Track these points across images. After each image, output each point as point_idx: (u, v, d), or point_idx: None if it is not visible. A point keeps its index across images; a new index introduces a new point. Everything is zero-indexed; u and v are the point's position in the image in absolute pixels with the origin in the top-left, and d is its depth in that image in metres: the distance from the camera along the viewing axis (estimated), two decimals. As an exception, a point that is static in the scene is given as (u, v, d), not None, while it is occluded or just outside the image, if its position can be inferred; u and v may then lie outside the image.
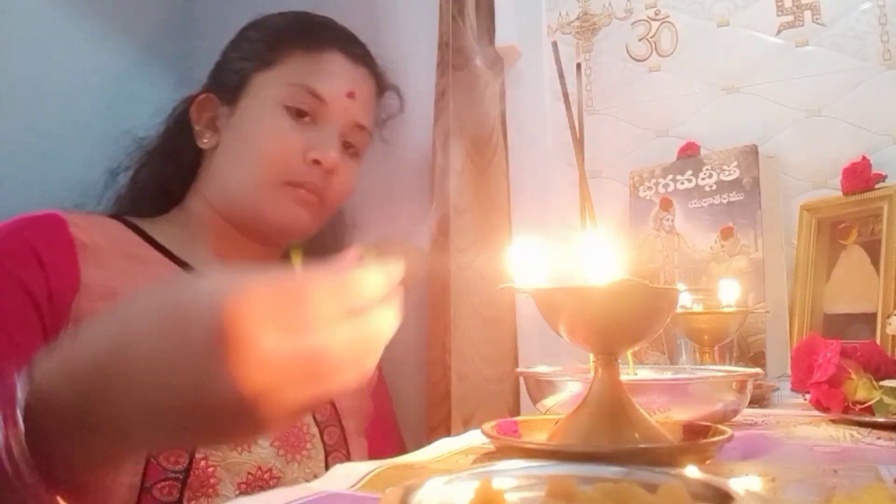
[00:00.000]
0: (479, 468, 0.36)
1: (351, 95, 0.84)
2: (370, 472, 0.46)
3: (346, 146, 0.85)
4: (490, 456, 0.53)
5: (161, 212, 0.85)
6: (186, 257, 0.79)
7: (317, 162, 0.80)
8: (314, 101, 0.81)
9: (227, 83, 0.84)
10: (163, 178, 0.86)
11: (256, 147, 0.80)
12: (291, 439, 0.73)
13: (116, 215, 0.81)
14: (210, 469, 0.65)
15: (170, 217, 0.85)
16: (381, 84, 0.92)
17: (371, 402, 0.91)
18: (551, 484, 0.32)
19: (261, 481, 0.68)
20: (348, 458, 0.79)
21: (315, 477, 0.73)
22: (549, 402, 0.65)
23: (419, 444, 1.23)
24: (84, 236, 0.71)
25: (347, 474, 0.46)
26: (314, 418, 0.76)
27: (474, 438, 0.59)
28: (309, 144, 0.80)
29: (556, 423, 0.51)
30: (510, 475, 0.35)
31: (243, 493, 0.66)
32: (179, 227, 0.83)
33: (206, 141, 0.84)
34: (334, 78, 0.83)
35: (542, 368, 0.73)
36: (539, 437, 0.52)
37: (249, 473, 0.68)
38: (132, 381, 0.35)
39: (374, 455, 0.87)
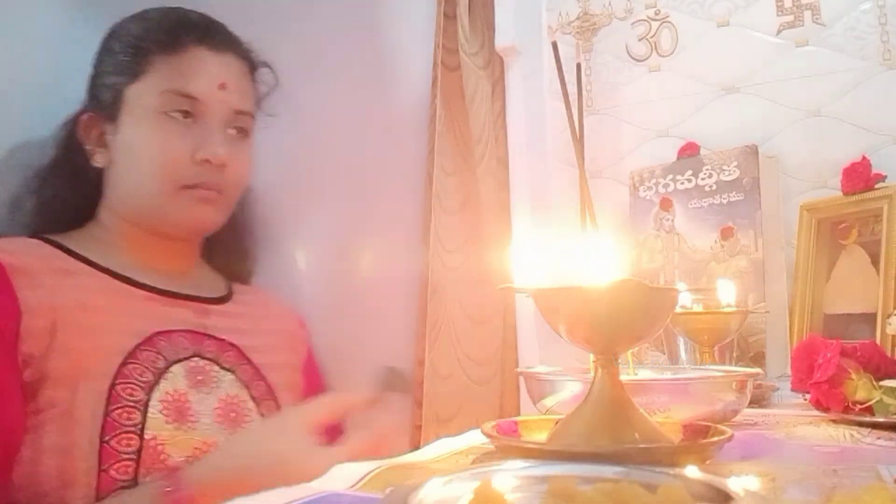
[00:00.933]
0: (479, 468, 0.36)
1: (223, 87, 0.84)
2: (370, 472, 0.46)
3: (232, 134, 0.86)
4: (490, 456, 0.53)
5: (77, 227, 0.87)
6: (110, 265, 0.82)
7: (206, 161, 0.82)
8: (189, 101, 0.82)
9: (104, 100, 0.85)
10: (68, 199, 0.88)
11: (146, 160, 0.82)
12: (231, 415, 0.79)
13: (35, 235, 0.84)
14: (159, 447, 0.71)
15: (86, 230, 0.87)
16: (252, 63, 0.92)
17: (302, 377, 0.94)
18: (551, 484, 0.32)
19: (205, 453, 0.73)
20: None
21: None
22: (549, 402, 0.65)
23: (408, 445, 1.23)
24: (14, 260, 0.75)
25: (347, 474, 0.46)
26: (250, 394, 0.82)
27: (474, 438, 0.59)
28: (195, 145, 0.82)
29: (556, 423, 0.51)
30: (510, 475, 0.35)
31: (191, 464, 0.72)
32: (97, 238, 0.86)
33: (98, 159, 0.86)
34: (202, 75, 0.83)
35: (542, 368, 0.73)
36: (539, 437, 0.52)
37: (196, 448, 0.73)
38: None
39: None
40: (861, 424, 0.66)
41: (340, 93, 1.60)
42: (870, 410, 0.66)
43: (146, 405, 0.72)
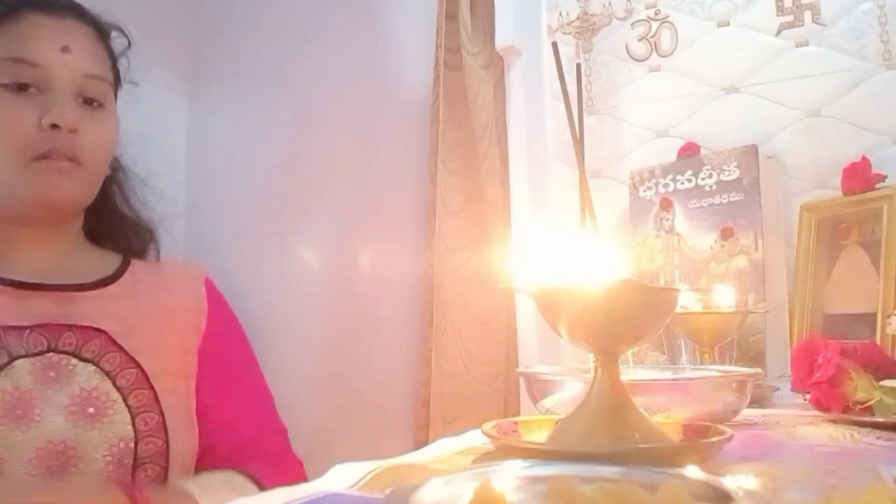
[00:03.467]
0: (479, 468, 0.36)
1: (66, 50, 0.80)
2: (370, 472, 0.46)
3: (87, 101, 0.82)
4: (490, 456, 0.53)
5: None
6: None
7: (54, 126, 0.77)
8: (28, 68, 0.78)
9: None
10: None
11: None
12: (89, 409, 0.74)
13: None
14: None
15: None
16: (100, 27, 0.88)
17: (197, 359, 0.87)
18: (551, 484, 0.32)
19: (54, 454, 0.69)
20: (163, 418, 0.78)
21: (122, 440, 0.73)
22: (549, 402, 0.65)
23: (408, 445, 1.23)
24: None
25: (347, 474, 0.46)
26: (114, 384, 0.76)
27: (474, 438, 0.59)
28: (41, 112, 0.77)
29: (556, 423, 0.51)
30: (510, 475, 0.35)
31: (36, 468, 0.68)
32: None
33: None
34: (39, 39, 0.79)
35: (542, 368, 0.73)
36: (539, 437, 0.52)
37: (39, 448, 0.69)
38: None
39: (207, 414, 0.84)
40: (861, 424, 0.66)
41: (342, 94, 1.60)
42: (870, 410, 0.66)
43: None
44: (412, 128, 1.42)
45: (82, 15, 0.85)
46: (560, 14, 1.33)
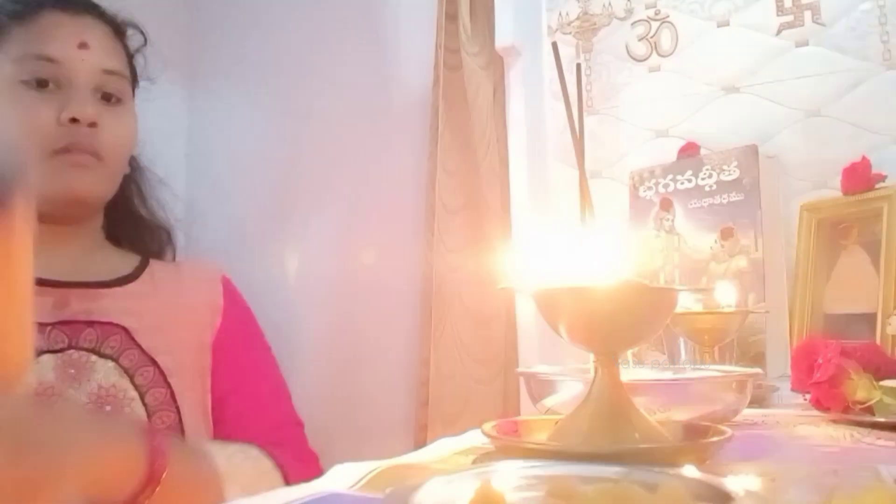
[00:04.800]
0: (479, 468, 0.36)
1: (83, 46, 0.81)
2: (370, 472, 0.46)
3: (105, 97, 0.83)
4: (490, 456, 0.53)
5: None
6: None
7: (73, 120, 0.78)
8: (47, 65, 0.79)
9: None
10: None
11: None
12: (106, 407, 0.74)
13: None
14: None
15: None
16: (117, 25, 0.89)
17: (212, 355, 0.87)
18: (551, 484, 0.32)
19: None
20: (179, 416, 0.79)
21: None
22: (549, 402, 0.65)
23: (408, 445, 1.23)
24: None
25: (347, 474, 0.46)
26: (132, 382, 0.77)
27: (474, 438, 0.59)
28: (60, 107, 0.79)
29: (556, 423, 0.51)
30: (510, 475, 0.35)
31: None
32: None
33: None
34: (59, 36, 0.81)
35: (542, 368, 0.73)
36: (539, 437, 0.52)
37: None
38: None
39: (222, 406, 0.84)
40: (861, 424, 0.66)
41: (342, 94, 1.60)
42: (870, 410, 0.66)
43: None
44: (411, 128, 1.42)
45: (99, 13, 0.87)
46: (560, 14, 1.33)
